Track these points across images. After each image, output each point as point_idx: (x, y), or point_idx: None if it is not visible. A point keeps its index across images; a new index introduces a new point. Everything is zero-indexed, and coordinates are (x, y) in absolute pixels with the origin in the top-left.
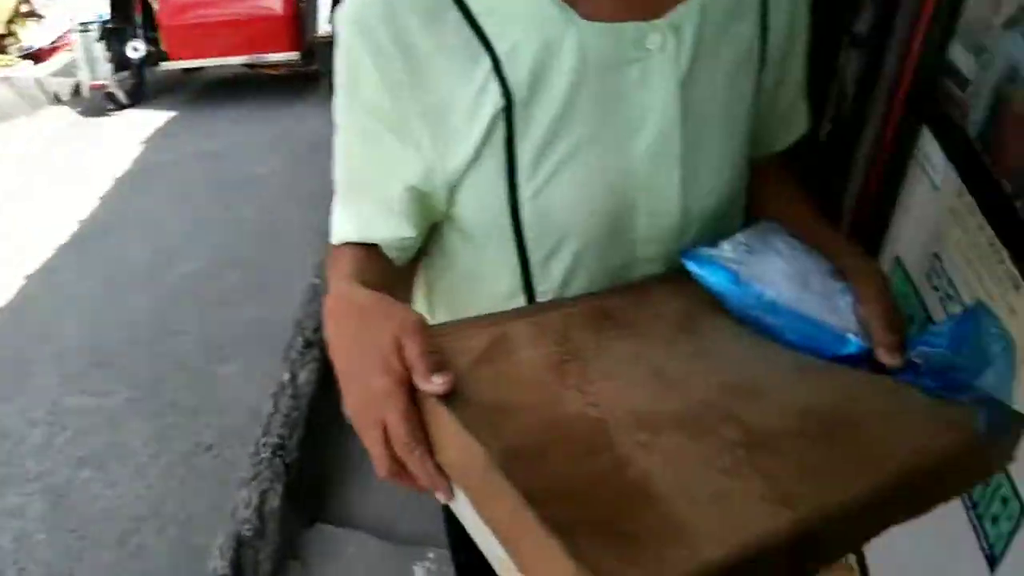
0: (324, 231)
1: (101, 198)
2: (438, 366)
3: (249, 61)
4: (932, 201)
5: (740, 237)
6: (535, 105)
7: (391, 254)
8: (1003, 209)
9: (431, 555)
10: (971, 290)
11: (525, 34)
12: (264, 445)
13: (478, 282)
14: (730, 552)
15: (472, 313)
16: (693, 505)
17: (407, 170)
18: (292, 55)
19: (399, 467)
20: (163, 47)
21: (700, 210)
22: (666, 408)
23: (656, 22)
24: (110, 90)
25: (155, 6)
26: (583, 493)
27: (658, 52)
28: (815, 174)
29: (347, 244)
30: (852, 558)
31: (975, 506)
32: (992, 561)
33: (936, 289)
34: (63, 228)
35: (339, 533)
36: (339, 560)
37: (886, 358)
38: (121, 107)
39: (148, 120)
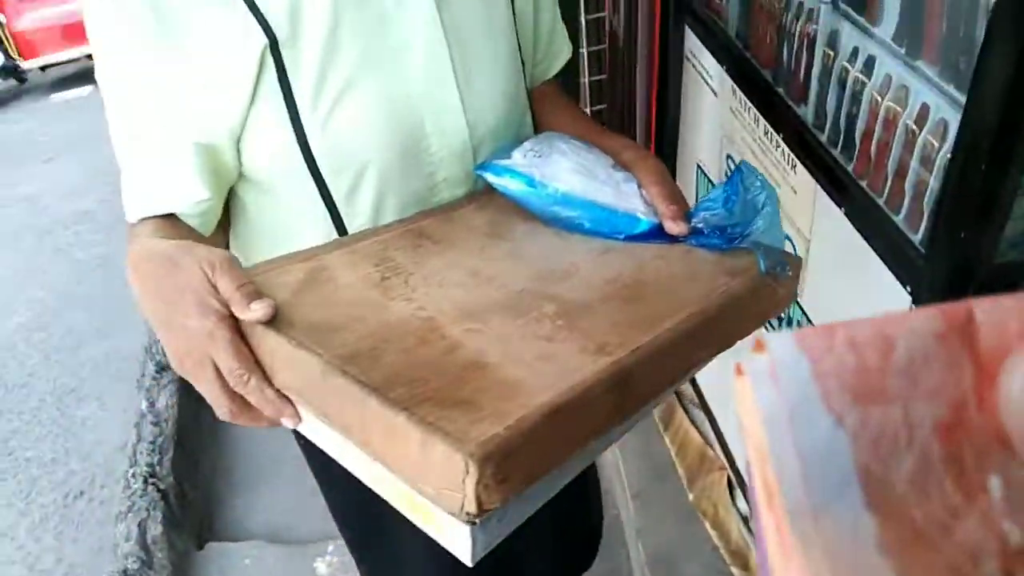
0: None
1: None
2: (256, 294)
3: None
4: (714, 105)
5: (527, 145)
6: (299, 39)
7: (191, 222)
8: (769, 98)
9: (330, 548)
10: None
11: None
12: (133, 476)
13: (289, 236)
14: (559, 395)
15: None
16: (522, 366)
17: (186, 127)
18: None
19: (239, 404)
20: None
21: (486, 126)
22: (487, 299)
23: None
24: None
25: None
26: (420, 377)
27: None
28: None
29: (143, 221)
30: (720, 452)
31: None
32: None
33: None
34: None
35: (233, 548)
36: (237, 573)
37: (672, 228)
38: None
39: None
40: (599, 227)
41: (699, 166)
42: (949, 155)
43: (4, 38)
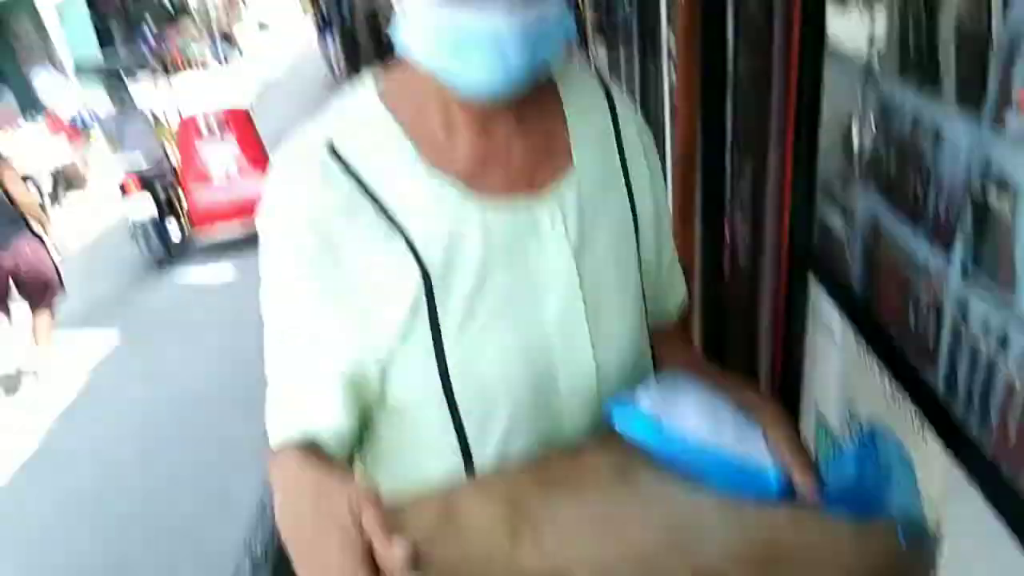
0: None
1: (49, 423)
2: (397, 532)
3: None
4: (838, 359)
5: (652, 386)
6: (451, 281)
7: (330, 447)
8: (896, 360)
9: None
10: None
11: (434, 219)
12: None
13: (417, 462)
14: None
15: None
16: None
17: (338, 358)
18: None
19: None
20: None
21: (613, 365)
22: (618, 554)
23: (543, 199)
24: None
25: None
26: None
27: (549, 227)
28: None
29: (287, 445)
30: None
31: None
32: None
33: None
34: (4, 455)
35: None
36: None
37: (804, 490)
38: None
39: (94, 343)
40: (727, 481)
41: (820, 417)
42: None
43: (182, 213)
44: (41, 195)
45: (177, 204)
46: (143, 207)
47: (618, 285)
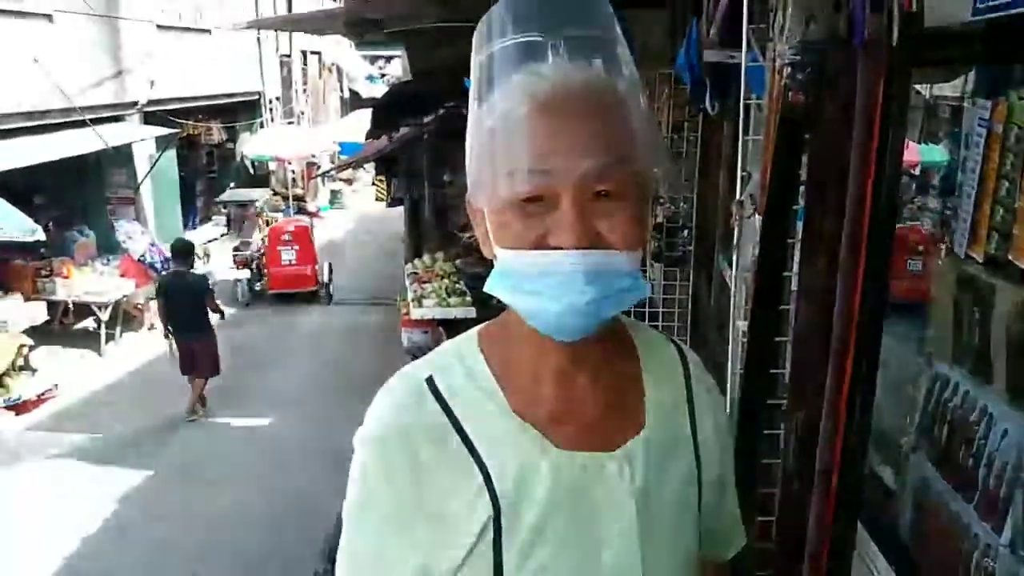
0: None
1: (70, 551)
2: None
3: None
4: None
5: None
6: (518, 515)
7: None
8: None
9: None
10: None
11: (511, 457)
12: None
13: None
14: None
15: None
16: None
17: (407, 567)
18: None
19: None
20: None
21: None
22: None
23: (614, 453)
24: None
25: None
26: None
27: (617, 478)
28: None
29: None
30: None
31: None
32: None
33: None
34: None
35: None
36: None
37: None
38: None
39: (122, 479)
40: None
41: None
42: None
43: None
44: (99, 325)
45: (261, 273)
46: (242, 274)
47: (675, 541)
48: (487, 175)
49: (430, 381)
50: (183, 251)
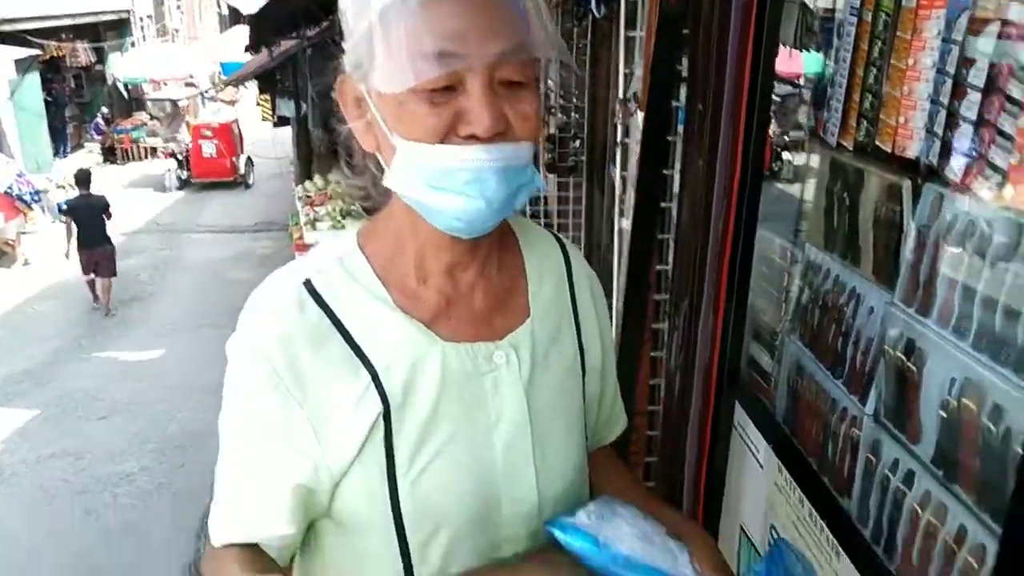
0: (192, 531)
1: None
2: None
3: None
4: (759, 476)
5: (590, 507)
6: (408, 409)
7: (271, 552)
8: (813, 484)
9: None
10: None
11: (397, 353)
12: None
13: (359, 573)
14: None
15: None
16: None
17: (294, 471)
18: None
19: None
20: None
21: (553, 494)
22: None
23: (500, 342)
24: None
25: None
26: None
27: (504, 366)
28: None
29: (228, 545)
30: None
31: None
32: None
33: None
34: None
35: None
36: None
37: None
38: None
39: (5, 420)
40: None
41: (743, 531)
42: None
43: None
44: None
45: (187, 164)
46: (171, 164)
47: (564, 423)
48: (382, 60)
49: (308, 284)
50: (84, 178)
